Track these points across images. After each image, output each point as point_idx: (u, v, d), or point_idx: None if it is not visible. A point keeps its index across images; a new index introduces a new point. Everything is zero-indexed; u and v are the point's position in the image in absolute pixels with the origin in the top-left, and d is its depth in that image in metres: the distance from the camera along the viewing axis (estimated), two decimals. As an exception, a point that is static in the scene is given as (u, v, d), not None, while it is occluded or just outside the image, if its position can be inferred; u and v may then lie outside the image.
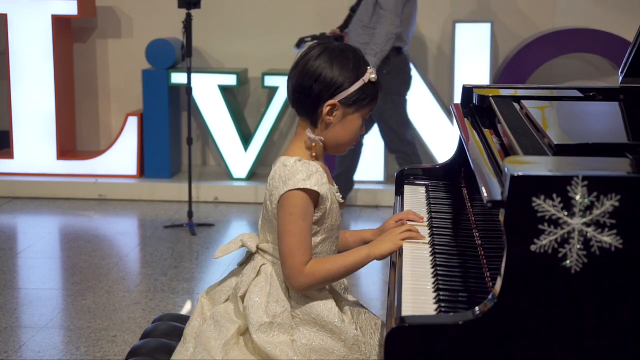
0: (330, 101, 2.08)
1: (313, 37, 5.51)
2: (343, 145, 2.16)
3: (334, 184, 2.19)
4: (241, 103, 6.51)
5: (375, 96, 2.14)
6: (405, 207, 2.51)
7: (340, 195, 2.18)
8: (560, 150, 1.86)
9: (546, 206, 1.60)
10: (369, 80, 2.10)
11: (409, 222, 2.28)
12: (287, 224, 2.04)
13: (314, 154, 2.13)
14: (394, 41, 5.22)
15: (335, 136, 2.13)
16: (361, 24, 5.31)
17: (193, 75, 5.67)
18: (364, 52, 4.98)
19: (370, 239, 2.28)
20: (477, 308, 1.65)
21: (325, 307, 2.07)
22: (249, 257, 2.20)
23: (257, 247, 2.16)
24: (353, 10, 5.49)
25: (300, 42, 5.55)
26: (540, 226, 1.60)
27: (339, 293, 2.18)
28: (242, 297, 2.11)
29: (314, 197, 2.06)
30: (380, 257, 2.10)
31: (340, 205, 2.16)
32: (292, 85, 2.12)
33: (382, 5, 5.18)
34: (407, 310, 1.77)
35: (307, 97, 2.09)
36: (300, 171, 2.04)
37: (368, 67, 2.12)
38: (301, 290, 2.07)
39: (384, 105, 5.25)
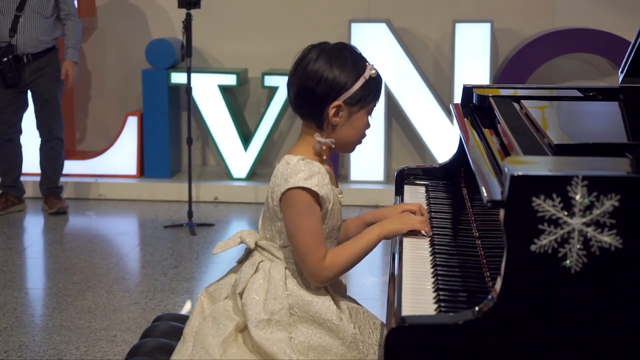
0: (335, 102, 2.07)
1: None
2: (352, 144, 2.16)
3: (338, 186, 2.19)
4: (241, 103, 6.50)
5: (378, 91, 2.13)
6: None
7: (342, 196, 2.18)
8: (560, 150, 1.85)
9: (546, 206, 1.59)
10: (370, 77, 2.10)
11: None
12: (298, 224, 2.04)
13: (324, 157, 2.13)
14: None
15: (343, 136, 2.12)
16: (41, 17, 5.53)
17: (193, 75, 5.67)
18: (66, 46, 5.55)
19: (371, 221, 2.29)
20: (477, 308, 1.65)
21: (324, 305, 2.07)
22: (247, 254, 2.20)
23: (256, 244, 2.16)
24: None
25: None
26: (540, 226, 1.60)
27: (337, 291, 2.18)
28: (241, 294, 2.11)
29: (315, 197, 2.06)
30: (391, 236, 2.15)
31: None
32: (294, 91, 2.10)
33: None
34: (407, 310, 1.77)
35: (311, 101, 2.08)
36: (303, 170, 2.04)
37: (367, 64, 2.11)
38: (326, 283, 2.09)
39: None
